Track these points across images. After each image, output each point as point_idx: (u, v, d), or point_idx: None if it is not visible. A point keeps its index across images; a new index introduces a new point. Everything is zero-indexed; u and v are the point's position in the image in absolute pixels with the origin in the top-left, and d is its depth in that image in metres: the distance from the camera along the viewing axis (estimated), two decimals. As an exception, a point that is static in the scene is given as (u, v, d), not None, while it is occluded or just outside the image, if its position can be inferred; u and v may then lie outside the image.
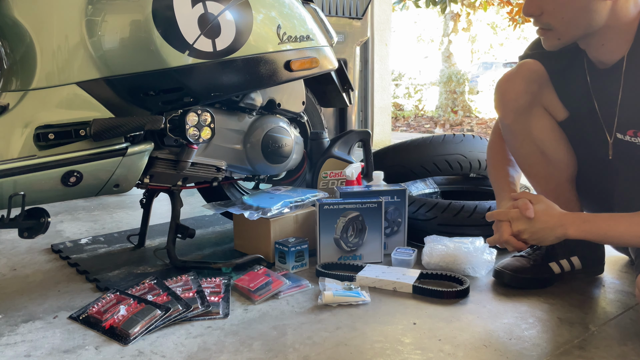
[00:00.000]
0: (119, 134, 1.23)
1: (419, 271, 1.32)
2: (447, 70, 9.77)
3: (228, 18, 1.34)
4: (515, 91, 1.25)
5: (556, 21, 1.09)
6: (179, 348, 1.01)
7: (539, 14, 1.10)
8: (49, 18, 1.19)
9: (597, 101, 1.19)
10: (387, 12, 4.78)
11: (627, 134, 1.11)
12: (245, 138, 1.59)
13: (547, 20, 1.10)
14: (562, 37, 1.11)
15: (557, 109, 1.27)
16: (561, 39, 1.11)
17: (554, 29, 1.10)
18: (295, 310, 1.18)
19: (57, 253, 1.63)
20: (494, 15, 13.71)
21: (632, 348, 0.99)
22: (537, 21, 1.12)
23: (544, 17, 1.10)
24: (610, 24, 1.07)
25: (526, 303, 1.19)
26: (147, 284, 1.26)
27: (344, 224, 1.43)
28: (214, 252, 1.61)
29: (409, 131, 7.53)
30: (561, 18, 1.08)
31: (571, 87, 1.23)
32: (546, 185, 1.32)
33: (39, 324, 1.13)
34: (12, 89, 1.19)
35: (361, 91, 4.58)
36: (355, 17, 3.45)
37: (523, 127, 1.28)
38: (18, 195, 1.15)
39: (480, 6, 9.05)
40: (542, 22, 1.11)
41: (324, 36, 1.63)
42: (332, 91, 1.90)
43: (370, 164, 1.81)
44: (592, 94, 1.19)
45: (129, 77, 1.25)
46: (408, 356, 0.97)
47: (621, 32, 1.08)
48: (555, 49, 1.14)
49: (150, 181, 1.41)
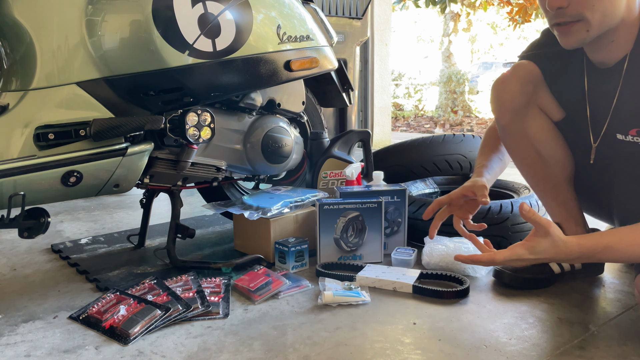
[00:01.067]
0: (119, 134, 1.23)
1: (419, 271, 1.32)
2: (447, 70, 9.77)
3: (228, 18, 1.34)
4: (511, 92, 1.26)
5: (587, 9, 1.03)
6: (179, 348, 1.01)
7: (567, 5, 1.04)
8: (49, 18, 1.19)
9: (590, 104, 1.19)
10: (387, 12, 4.78)
11: (630, 133, 1.10)
12: (245, 138, 1.59)
13: (577, 10, 1.04)
14: (591, 28, 1.05)
15: (553, 109, 1.27)
16: (590, 30, 1.06)
17: (584, 18, 1.04)
18: (295, 310, 1.18)
19: (57, 253, 1.63)
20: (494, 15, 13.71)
21: (632, 348, 0.99)
22: (563, 14, 1.06)
23: (572, 7, 1.04)
24: (624, 17, 1.06)
25: (526, 303, 1.19)
26: (147, 284, 1.26)
27: (344, 224, 1.43)
28: (214, 252, 1.61)
29: (409, 131, 7.53)
30: (593, 5, 1.03)
31: (566, 89, 1.24)
32: (544, 185, 1.33)
33: (39, 324, 1.13)
34: (12, 89, 1.19)
35: (361, 91, 4.58)
36: (355, 17, 3.45)
37: (519, 127, 1.28)
38: (18, 195, 1.15)
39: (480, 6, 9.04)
40: (571, 13, 1.05)
41: (324, 36, 1.63)
42: (332, 91, 1.90)
43: (370, 164, 1.81)
44: (587, 96, 1.19)
45: (129, 77, 1.25)
46: (408, 356, 0.97)
47: (630, 28, 1.07)
48: (579, 45, 1.10)
49: (150, 181, 1.41)
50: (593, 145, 1.21)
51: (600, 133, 1.18)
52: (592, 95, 1.18)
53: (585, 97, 1.19)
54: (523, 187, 1.82)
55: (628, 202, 1.20)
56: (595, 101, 1.18)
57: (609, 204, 1.28)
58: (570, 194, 1.31)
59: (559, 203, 1.32)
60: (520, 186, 1.84)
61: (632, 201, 1.19)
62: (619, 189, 1.23)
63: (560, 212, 1.32)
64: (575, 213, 1.32)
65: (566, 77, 1.22)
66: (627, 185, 1.19)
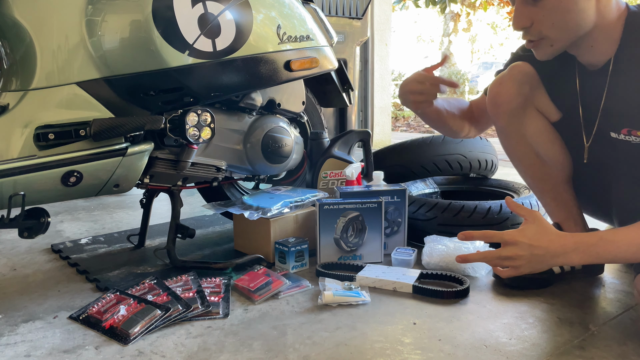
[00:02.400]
0: (119, 134, 1.23)
1: (419, 271, 1.32)
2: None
3: (228, 18, 1.34)
4: (507, 94, 1.26)
5: (547, 28, 1.08)
6: (179, 348, 1.01)
7: (530, 25, 1.09)
8: (49, 18, 1.19)
9: (582, 104, 1.20)
10: (387, 12, 4.78)
11: (622, 132, 1.11)
12: (245, 138, 1.59)
13: (538, 29, 1.09)
14: (555, 44, 1.10)
15: (550, 110, 1.28)
16: (554, 45, 1.11)
17: (546, 37, 1.10)
18: (295, 310, 1.18)
19: (57, 253, 1.63)
20: (494, 15, 13.72)
21: (632, 348, 0.99)
22: (529, 33, 1.11)
23: (534, 27, 1.09)
24: (597, 24, 1.07)
25: (526, 303, 1.19)
26: (147, 284, 1.26)
27: (344, 224, 1.43)
28: (214, 252, 1.61)
29: (409, 131, 7.53)
30: (552, 24, 1.07)
31: (561, 90, 1.24)
32: (543, 186, 1.33)
33: (39, 324, 1.13)
34: (12, 89, 1.19)
35: (361, 91, 4.58)
36: (355, 17, 3.45)
37: (517, 129, 1.28)
38: (18, 195, 1.15)
39: (480, 6, 9.05)
40: (534, 32, 1.10)
41: (324, 36, 1.63)
42: (332, 91, 1.90)
43: (370, 164, 1.81)
44: (579, 96, 1.20)
45: (129, 77, 1.25)
46: (408, 356, 0.97)
47: (608, 32, 1.09)
48: (549, 57, 1.14)
49: (150, 181, 1.41)
50: (585, 144, 1.22)
51: (592, 133, 1.19)
52: (584, 95, 1.20)
53: (577, 97, 1.20)
54: (523, 187, 1.83)
55: (627, 201, 1.21)
56: (586, 101, 1.19)
57: (607, 203, 1.29)
58: (569, 194, 1.32)
59: (558, 203, 1.33)
60: (520, 186, 1.84)
61: (630, 200, 1.19)
62: (617, 188, 1.23)
63: (560, 212, 1.33)
64: (575, 213, 1.32)
65: (560, 78, 1.23)
66: (625, 184, 1.20)
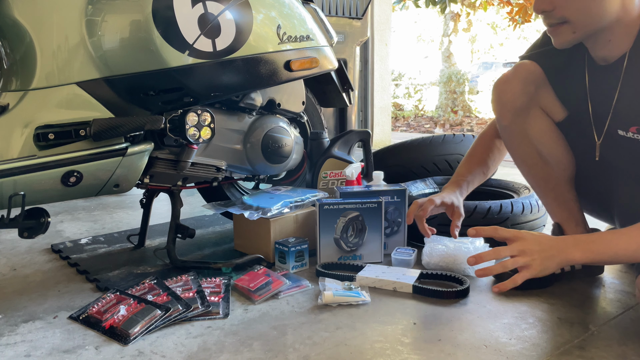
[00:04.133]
0: (119, 134, 1.23)
1: (419, 271, 1.32)
2: (447, 70, 9.78)
3: (228, 18, 1.34)
4: (512, 92, 1.25)
5: (571, 12, 1.06)
6: (179, 348, 1.01)
7: (551, 9, 1.08)
8: (49, 18, 1.19)
9: (591, 101, 1.19)
10: (387, 12, 4.78)
11: (630, 130, 1.11)
12: (245, 138, 1.59)
13: (561, 14, 1.07)
14: (577, 30, 1.08)
15: (555, 109, 1.27)
16: (576, 32, 1.08)
17: (569, 21, 1.07)
18: (295, 310, 1.18)
19: (57, 253, 1.63)
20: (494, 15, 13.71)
21: (632, 348, 0.99)
22: (550, 16, 1.09)
23: (557, 10, 1.07)
24: (620, 17, 1.06)
25: (526, 303, 1.19)
26: (147, 284, 1.26)
27: (344, 224, 1.43)
28: (214, 252, 1.61)
29: (409, 131, 7.53)
30: (576, 9, 1.06)
31: (569, 86, 1.23)
32: (545, 185, 1.33)
33: (39, 324, 1.13)
34: (12, 89, 1.19)
35: (361, 91, 4.58)
36: (355, 17, 3.45)
37: (521, 128, 1.28)
38: (18, 195, 1.15)
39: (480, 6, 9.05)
40: (556, 16, 1.08)
41: (324, 36, 1.63)
42: (332, 91, 1.90)
43: (370, 164, 1.81)
44: (588, 93, 1.19)
45: (129, 77, 1.25)
46: (408, 356, 0.97)
47: (628, 28, 1.07)
48: (569, 45, 1.12)
49: (150, 181, 1.41)
50: (597, 142, 1.21)
51: (603, 130, 1.18)
52: (594, 92, 1.18)
53: (587, 93, 1.19)
54: (523, 187, 1.82)
55: (630, 201, 1.20)
56: (596, 98, 1.18)
57: (610, 203, 1.28)
58: (571, 195, 1.31)
59: (560, 203, 1.32)
60: (520, 186, 1.84)
61: (632, 200, 1.19)
62: (621, 187, 1.23)
63: (561, 212, 1.32)
64: (576, 213, 1.32)
65: (568, 74, 1.22)
66: (630, 184, 1.19)
